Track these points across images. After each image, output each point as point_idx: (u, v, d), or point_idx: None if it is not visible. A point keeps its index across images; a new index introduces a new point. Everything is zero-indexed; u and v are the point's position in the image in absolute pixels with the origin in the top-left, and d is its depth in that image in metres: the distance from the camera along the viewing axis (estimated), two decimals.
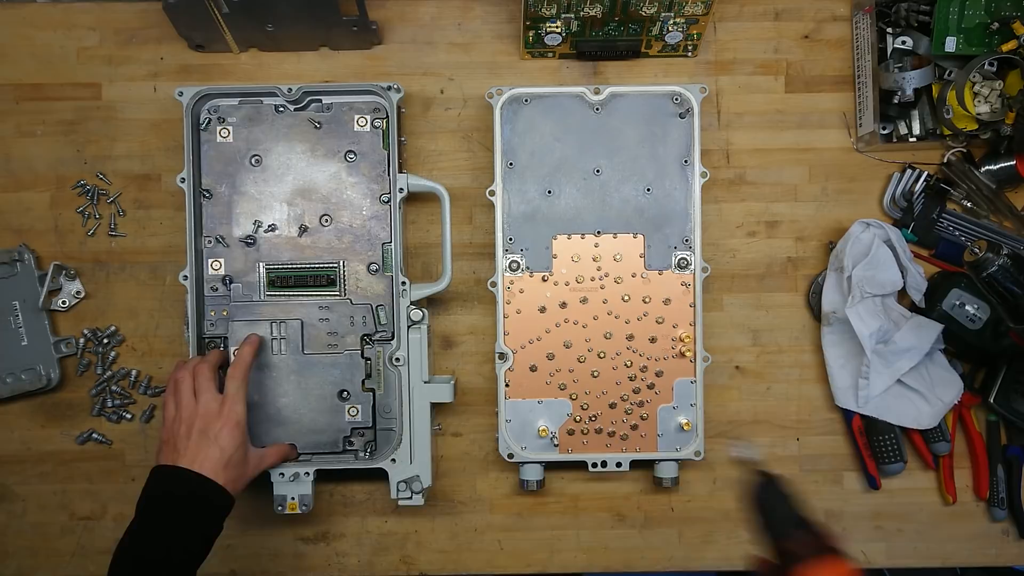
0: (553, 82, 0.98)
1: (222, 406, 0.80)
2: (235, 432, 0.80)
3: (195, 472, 0.77)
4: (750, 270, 0.97)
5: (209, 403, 0.81)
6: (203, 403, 0.81)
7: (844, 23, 0.98)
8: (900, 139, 0.95)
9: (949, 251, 0.96)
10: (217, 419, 0.80)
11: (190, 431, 0.79)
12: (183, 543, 0.75)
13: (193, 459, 0.78)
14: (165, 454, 0.80)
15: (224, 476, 0.78)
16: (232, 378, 0.83)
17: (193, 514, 0.76)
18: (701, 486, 0.97)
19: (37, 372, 0.93)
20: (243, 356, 0.85)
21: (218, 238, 0.91)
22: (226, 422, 0.80)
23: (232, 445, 0.79)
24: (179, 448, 0.79)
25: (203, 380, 0.82)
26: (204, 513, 0.77)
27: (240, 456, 0.80)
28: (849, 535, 0.97)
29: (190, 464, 0.77)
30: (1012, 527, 0.96)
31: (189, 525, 0.76)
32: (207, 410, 0.80)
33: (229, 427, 0.79)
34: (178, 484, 0.77)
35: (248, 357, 0.86)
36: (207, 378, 0.83)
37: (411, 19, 0.97)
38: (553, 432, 0.90)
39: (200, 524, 0.77)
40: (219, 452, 0.78)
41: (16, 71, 0.97)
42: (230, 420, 0.80)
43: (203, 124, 0.91)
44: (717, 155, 0.98)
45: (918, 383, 0.93)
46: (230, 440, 0.79)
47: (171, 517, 0.76)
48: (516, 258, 0.90)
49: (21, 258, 0.94)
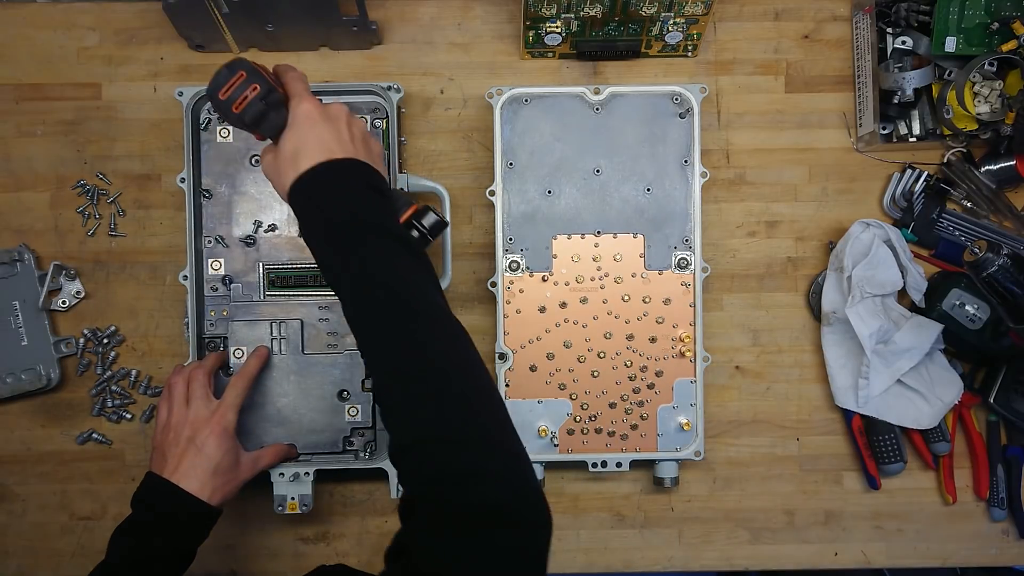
0: (553, 82, 0.98)
1: (213, 413, 0.81)
2: (222, 440, 0.80)
3: (179, 488, 0.77)
4: (750, 270, 0.97)
5: (200, 410, 0.81)
6: (194, 410, 0.81)
7: (844, 23, 0.98)
8: (900, 139, 0.95)
9: (949, 251, 0.96)
10: (205, 426, 0.80)
11: (178, 438, 0.80)
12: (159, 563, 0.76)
13: (176, 468, 0.78)
14: (155, 461, 0.81)
15: (212, 484, 0.78)
16: (233, 386, 0.83)
17: (170, 531, 0.77)
18: (701, 486, 0.97)
19: (37, 372, 0.93)
20: (248, 368, 0.86)
21: (218, 238, 0.91)
22: (213, 430, 0.80)
23: (219, 453, 0.79)
24: (167, 456, 0.80)
25: (196, 386, 0.83)
26: (182, 529, 0.77)
27: (229, 462, 0.80)
28: (849, 535, 0.97)
29: (173, 473, 0.78)
30: (1012, 527, 0.96)
31: (165, 542, 0.76)
32: (196, 417, 0.81)
33: (216, 434, 0.80)
34: (160, 499, 0.78)
35: (253, 369, 0.86)
36: (201, 384, 0.83)
37: (411, 19, 0.97)
38: (553, 432, 0.90)
39: (177, 540, 0.77)
40: (206, 460, 0.78)
41: (16, 71, 0.97)
42: (217, 428, 0.80)
43: (203, 124, 0.91)
44: (717, 155, 0.98)
45: (918, 383, 0.93)
46: (216, 448, 0.79)
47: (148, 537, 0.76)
48: (516, 258, 0.90)
49: (21, 258, 0.94)
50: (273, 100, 0.70)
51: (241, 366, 0.87)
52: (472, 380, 0.63)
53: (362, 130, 0.73)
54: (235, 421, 0.82)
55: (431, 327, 0.64)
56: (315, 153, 0.69)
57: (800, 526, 0.97)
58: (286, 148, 0.70)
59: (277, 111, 0.70)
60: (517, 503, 0.57)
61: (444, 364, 0.62)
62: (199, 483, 0.78)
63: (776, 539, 0.97)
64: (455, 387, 0.62)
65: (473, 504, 0.56)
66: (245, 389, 0.84)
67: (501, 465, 0.59)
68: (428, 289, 0.66)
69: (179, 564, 0.77)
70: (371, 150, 0.73)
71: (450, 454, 0.59)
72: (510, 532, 0.56)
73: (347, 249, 0.66)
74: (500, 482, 0.58)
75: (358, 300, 0.66)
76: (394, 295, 0.65)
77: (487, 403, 0.62)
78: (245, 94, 0.68)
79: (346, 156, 0.69)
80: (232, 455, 0.80)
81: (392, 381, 0.63)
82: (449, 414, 0.60)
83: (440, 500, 0.57)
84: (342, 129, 0.71)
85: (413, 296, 0.65)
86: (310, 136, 0.69)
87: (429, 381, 0.62)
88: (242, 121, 0.70)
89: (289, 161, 0.69)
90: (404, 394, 0.62)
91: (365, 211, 0.68)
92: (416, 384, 0.62)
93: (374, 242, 0.66)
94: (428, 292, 0.66)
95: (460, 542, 0.55)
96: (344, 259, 0.66)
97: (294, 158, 0.69)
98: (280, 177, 0.70)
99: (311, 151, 0.69)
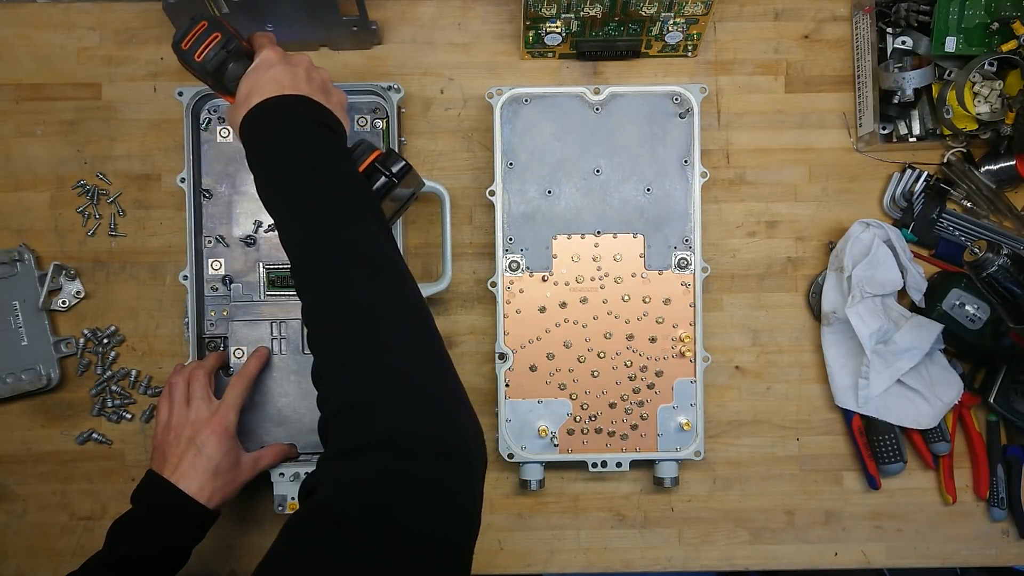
0: (553, 82, 0.98)
1: (213, 414, 0.81)
2: (222, 440, 0.80)
3: (178, 488, 0.77)
4: (750, 270, 0.97)
5: (200, 410, 0.81)
6: (194, 410, 0.81)
7: (844, 23, 0.98)
8: (900, 139, 0.95)
9: (949, 251, 0.95)
10: (206, 427, 0.80)
11: (179, 438, 0.80)
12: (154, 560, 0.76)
13: (176, 468, 0.78)
14: (155, 460, 0.81)
15: (212, 485, 0.78)
16: (232, 386, 0.83)
17: (167, 530, 0.77)
18: (701, 486, 0.97)
19: (37, 372, 0.93)
20: (248, 368, 0.86)
21: (218, 238, 0.91)
22: (214, 430, 0.80)
23: (219, 453, 0.79)
24: (167, 456, 0.80)
25: (197, 387, 0.83)
26: (179, 529, 0.77)
27: (228, 463, 0.80)
28: (849, 535, 0.97)
29: (173, 473, 0.78)
30: (1012, 527, 0.96)
31: (161, 540, 0.76)
32: (197, 417, 0.81)
33: (217, 435, 0.80)
34: (158, 498, 0.78)
35: (253, 370, 0.86)
36: (201, 384, 0.83)
37: (411, 19, 0.97)
38: (553, 432, 0.90)
39: (173, 539, 0.77)
40: (205, 461, 0.79)
41: (16, 71, 0.97)
42: (218, 428, 0.80)
43: (203, 124, 0.91)
44: (717, 155, 0.98)
45: (918, 383, 0.93)
46: (217, 448, 0.79)
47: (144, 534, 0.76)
48: (516, 258, 0.90)
49: (21, 258, 0.94)
50: (234, 49, 0.73)
51: (241, 366, 0.87)
52: (402, 319, 0.62)
53: (323, 78, 0.75)
54: (236, 421, 0.82)
55: (360, 264, 0.64)
56: (267, 91, 0.70)
57: (800, 526, 0.97)
58: (242, 90, 0.72)
59: (238, 60, 0.73)
60: (428, 435, 0.55)
61: (372, 300, 0.62)
62: (198, 484, 0.78)
63: (776, 539, 0.97)
64: (381, 321, 0.61)
65: (378, 432, 0.55)
66: (245, 389, 0.84)
67: (417, 397, 0.58)
68: (365, 229, 0.66)
69: (173, 563, 0.77)
70: (330, 97, 0.74)
71: (364, 379, 0.58)
72: (419, 464, 0.54)
73: (280, 183, 0.68)
74: (414, 414, 0.56)
75: (287, 232, 0.67)
76: (319, 233, 0.65)
77: (415, 341, 0.61)
78: (207, 42, 0.72)
79: (298, 93, 0.71)
80: (232, 455, 0.80)
81: (317, 309, 0.63)
82: (369, 342, 0.60)
83: (348, 426, 0.56)
84: (299, 72, 0.73)
85: (343, 235, 0.65)
86: (264, 76, 0.72)
87: (354, 312, 0.61)
88: (204, 70, 0.73)
89: (243, 101, 0.71)
90: (328, 321, 0.62)
91: (304, 147, 0.69)
92: (341, 314, 0.62)
93: (306, 178, 0.67)
94: (365, 232, 0.66)
95: (361, 470, 0.53)
96: (278, 192, 0.68)
97: (247, 97, 0.71)
98: (235, 122, 0.72)
99: (263, 89, 0.71)
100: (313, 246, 0.65)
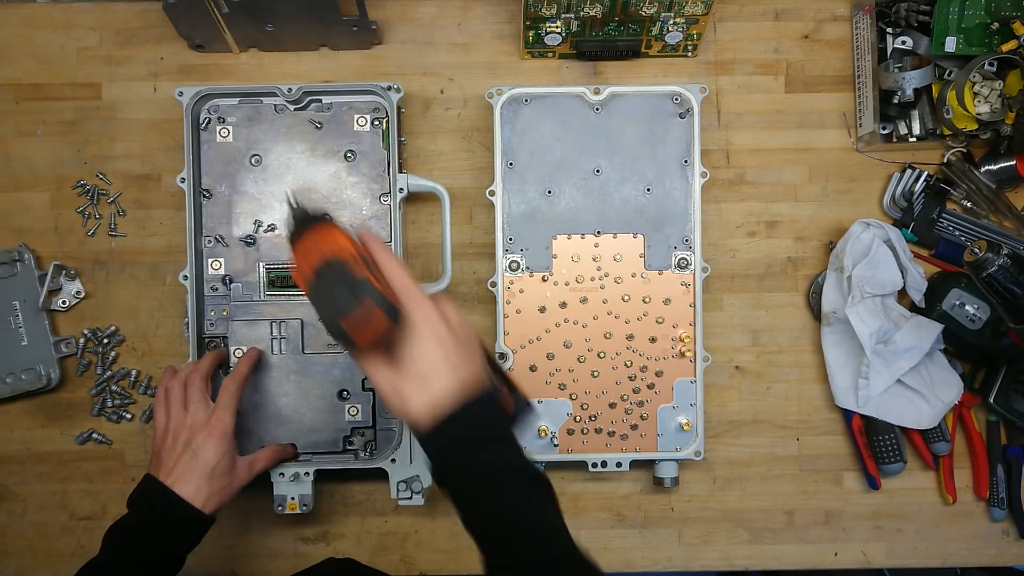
0: (553, 82, 0.98)
1: (210, 417, 0.81)
2: (220, 443, 0.80)
3: (173, 492, 0.77)
4: (750, 270, 0.97)
5: (197, 414, 0.81)
6: (191, 414, 0.81)
7: (844, 23, 0.98)
8: (900, 139, 0.95)
9: (949, 251, 0.96)
10: (203, 430, 0.80)
11: (176, 443, 0.80)
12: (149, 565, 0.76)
13: (171, 472, 0.78)
14: (153, 465, 0.81)
15: (208, 489, 0.78)
16: (225, 388, 0.83)
17: (162, 534, 0.77)
18: (701, 486, 0.97)
19: (37, 372, 0.93)
20: (239, 369, 0.86)
21: (218, 238, 0.91)
22: (211, 433, 0.80)
23: (216, 456, 0.79)
24: (164, 460, 0.80)
25: (194, 391, 0.83)
26: (174, 534, 0.77)
27: (225, 466, 0.80)
28: (849, 535, 0.97)
29: (168, 477, 0.78)
30: (1012, 527, 0.96)
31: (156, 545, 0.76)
32: (194, 421, 0.81)
33: (214, 438, 0.80)
34: (154, 502, 0.78)
35: (244, 370, 0.86)
36: (198, 388, 0.83)
37: (411, 19, 0.97)
38: (553, 432, 0.90)
39: (168, 543, 0.77)
40: (202, 464, 0.79)
41: (16, 71, 0.97)
42: (215, 431, 0.80)
43: (203, 124, 0.91)
44: (717, 155, 0.98)
45: (918, 383, 0.93)
46: (214, 451, 0.79)
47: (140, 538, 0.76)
48: (516, 258, 0.90)
49: (21, 258, 0.94)
50: (394, 313, 0.61)
51: (233, 369, 0.87)
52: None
53: (466, 328, 0.67)
54: (232, 423, 0.82)
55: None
56: (444, 375, 0.63)
57: (800, 526, 0.97)
58: (410, 367, 0.64)
59: (398, 325, 0.62)
60: None
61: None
62: (194, 488, 0.78)
63: (776, 539, 0.97)
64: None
65: None
66: (237, 391, 0.84)
67: None
68: (558, 522, 0.65)
69: (169, 567, 0.77)
70: (477, 351, 0.68)
71: None
72: None
73: (489, 496, 0.64)
74: None
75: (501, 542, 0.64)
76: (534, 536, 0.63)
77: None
78: (372, 322, 0.60)
79: (473, 380, 0.64)
80: (229, 458, 0.81)
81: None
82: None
83: None
84: (459, 339, 0.65)
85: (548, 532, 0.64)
86: (436, 354, 0.64)
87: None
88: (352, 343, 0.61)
89: (417, 382, 0.63)
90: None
91: (501, 456, 0.65)
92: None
93: (513, 487, 0.64)
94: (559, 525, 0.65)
95: None
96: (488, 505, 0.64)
97: (423, 380, 0.63)
98: (405, 401, 0.64)
99: (440, 373, 0.63)
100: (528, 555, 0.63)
